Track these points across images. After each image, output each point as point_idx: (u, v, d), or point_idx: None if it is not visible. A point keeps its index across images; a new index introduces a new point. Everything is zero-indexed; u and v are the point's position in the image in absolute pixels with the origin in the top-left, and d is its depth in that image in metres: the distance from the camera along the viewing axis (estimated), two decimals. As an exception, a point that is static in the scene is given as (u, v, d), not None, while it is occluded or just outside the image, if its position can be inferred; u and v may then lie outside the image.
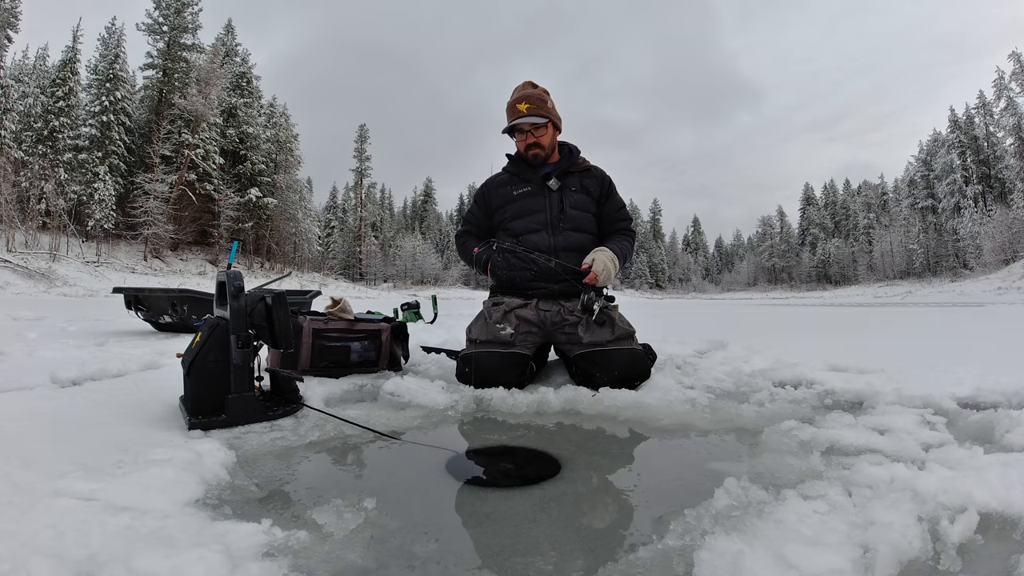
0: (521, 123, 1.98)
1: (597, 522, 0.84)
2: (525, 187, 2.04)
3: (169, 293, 4.21)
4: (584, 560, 0.71)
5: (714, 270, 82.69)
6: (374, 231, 54.18)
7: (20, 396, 1.50)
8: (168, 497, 0.83)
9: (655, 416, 1.48)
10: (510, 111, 2.02)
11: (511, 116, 2.01)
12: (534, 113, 1.98)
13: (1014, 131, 40.10)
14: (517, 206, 2.03)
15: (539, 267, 1.95)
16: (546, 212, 2.00)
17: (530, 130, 2.00)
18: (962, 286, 36.69)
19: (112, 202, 28.59)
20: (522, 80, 2.15)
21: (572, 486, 0.98)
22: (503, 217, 2.06)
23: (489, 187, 2.15)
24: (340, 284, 41.18)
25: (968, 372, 1.75)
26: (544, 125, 2.00)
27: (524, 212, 2.02)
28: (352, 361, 1.95)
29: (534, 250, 1.95)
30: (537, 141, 2.01)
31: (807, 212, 68.37)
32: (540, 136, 2.01)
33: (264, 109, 39.55)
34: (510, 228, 2.03)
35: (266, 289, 1.68)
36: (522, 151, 2.06)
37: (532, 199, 2.02)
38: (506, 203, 2.06)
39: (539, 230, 1.99)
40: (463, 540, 0.77)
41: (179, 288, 4.80)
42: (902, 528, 0.70)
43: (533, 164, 2.05)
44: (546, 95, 2.05)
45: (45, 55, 32.99)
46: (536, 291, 1.98)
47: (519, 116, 1.98)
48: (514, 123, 2.00)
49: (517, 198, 2.04)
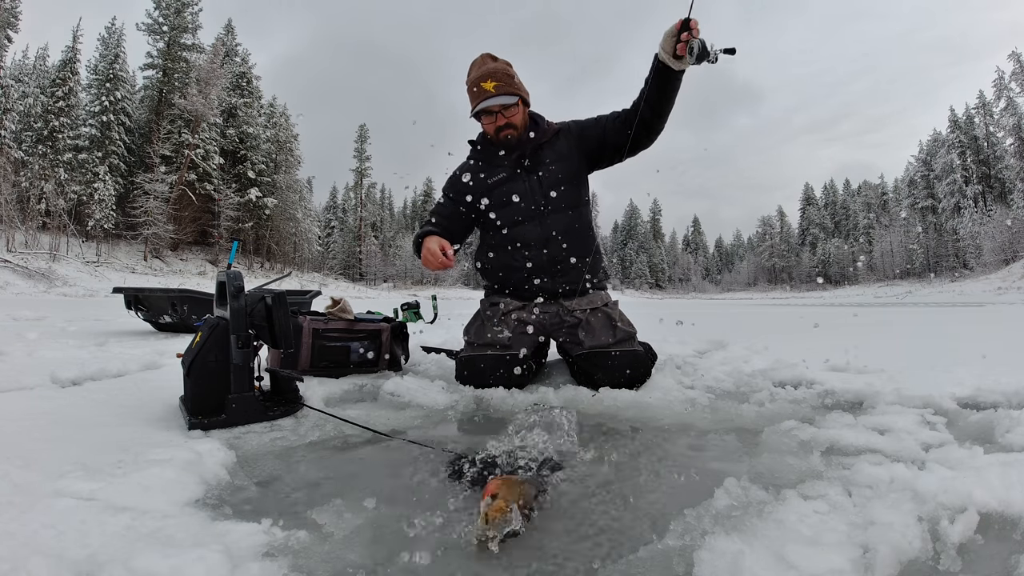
0: (490, 105, 1.79)
1: (597, 522, 0.84)
2: (499, 173, 1.88)
3: (169, 293, 4.21)
4: (584, 560, 0.71)
5: (714, 270, 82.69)
6: (374, 231, 54.18)
7: (20, 396, 1.50)
8: (168, 497, 0.83)
9: (655, 416, 1.48)
10: (474, 91, 1.81)
11: (477, 98, 1.81)
12: (503, 92, 1.78)
13: (1014, 131, 40.12)
14: (495, 195, 1.87)
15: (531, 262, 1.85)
16: (528, 198, 1.84)
17: (500, 111, 1.81)
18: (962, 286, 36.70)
19: (112, 202, 28.62)
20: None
21: (572, 486, 0.97)
22: (483, 209, 1.88)
23: (459, 176, 1.96)
24: (340, 284, 41.20)
25: (968, 372, 1.75)
26: (515, 103, 1.81)
27: (504, 202, 1.86)
28: (352, 361, 1.95)
29: (524, 243, 1.86)
30: (509, 122, 1.82)
31: (807, 212, 68.41)
32: (512, 116, 1.82)
33: (264, 109, 39.56)
34: (494, 222, 1.88)
35: (266, 289, 1.68)
36: (492, 134, 1.87)
37: (509, 185, 1.86)
38: (482, 193, 1.88)
39: (523, 220, 1.85)
40: (463, 541, 0.77)
41: (179, 288, 4.80)
42: (902, 528, 0.70)
43: (506, 147, 1.87)
44: (510, 67, 1.84)
45: (45, 55, 33.02)
46: (533, 289, 1.88)
47: (486, 96, 1.78)
48: (483, 106, 1.79)
49: (493, 186, 1.87)
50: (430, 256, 1.71)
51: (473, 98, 1.83)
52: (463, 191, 1.92)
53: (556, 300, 1.90)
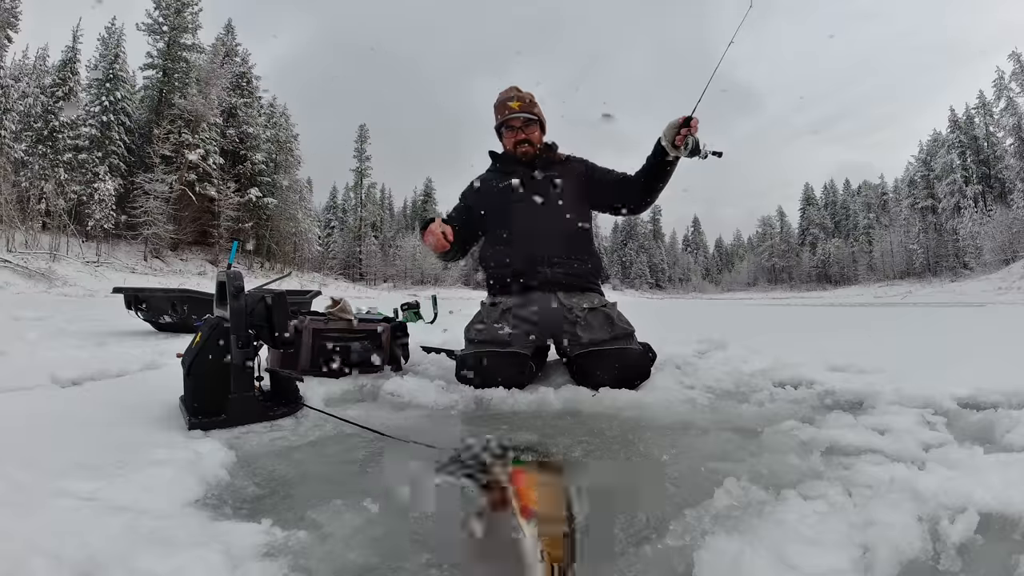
0: (513, 118, 2.04)
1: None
2: (511, 178, 2.06)
3: (169, 293, 4.21)
4: (584, 560, 0.71)
5: (714, 270, 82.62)
6: (374, 231, 54.17)
7: (20, 396, 1.50)
8: (168, 497, 0.83)
9: (655, 416, 1.48)
10: (500, 108, 2.07)
11: (502, 113, 2.06)
12: (525, 111, 2.04)
13: (1014, 131, 40.11)
14: (503, 195, 2.04)
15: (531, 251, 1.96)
16: (534, 200, 2.00)
17: (520, 127, 2.04)
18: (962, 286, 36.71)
19: (112, 202, 28.58)
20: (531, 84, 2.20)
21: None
22: (490, 208, 2.06)
23: (472, 183, 2.16)
24: (340, 284, 41.17)
25: (968, 372, 1.75)
26: (535, 123, 2.07)
27: (512, 199, 2.02)
28: (352, 361, 1.95)
29: (527, 236, 1.97)
30: (528, 138, 2.05)
31: (807, 212, 68.32)
32: (530, 133, 2.06)
33: (264, 109, 39.56)
34: (501, 218, 2.04)
35: (266, 289, 1.68)
36: (510, 148, 2.09)
37: (518, 188, 2.04)
38: (491, 194, 2.07)
39: (530, 218, 1.99)
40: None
41: (179, 288, 4.81)
42: (902, 528, 0.70)
43: (521, 162, 2.08)
44: (533, 97, 2.11)
45: (45, 55, 32.93)
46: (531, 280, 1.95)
47: (512, 112, 2.04)
48: (507, 118, 2.04)
49: (503, 189, 2.04)
50: (430, 235, 1.83)
51: (498, 113, 2.08)
52: (474, 193, 2.13)
53: (555, 293, 1.95)
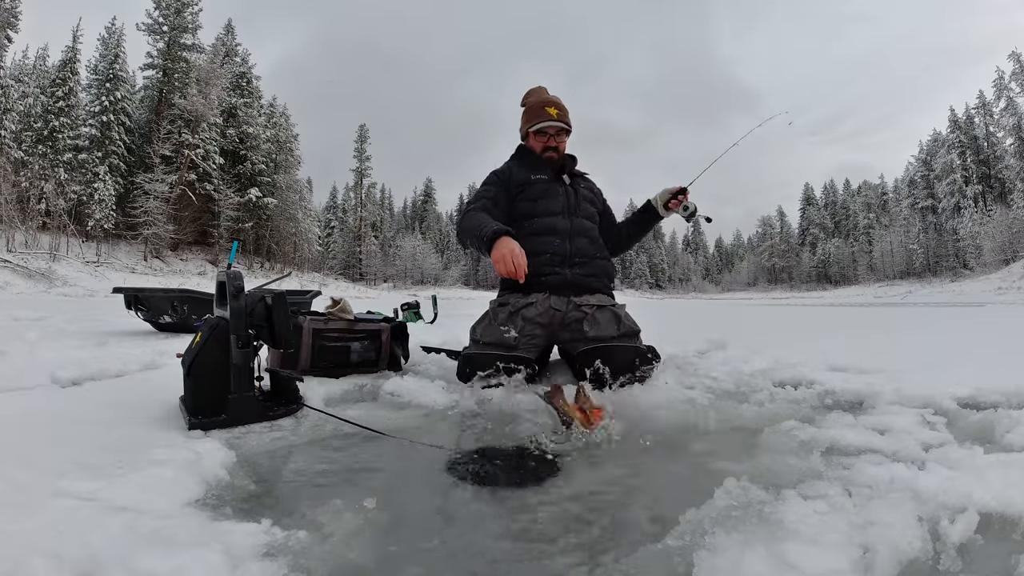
0: (550, 126, 2.06)
1: (597, 522, 0.84)
2: (541, 174, 2.09)
3: (169, 293, 4.20)
4: (584, 560, 0.71)
5: (714, 270, 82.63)
6: (374, 231, 54.15)
7: (20, 396, 1.50)
8: (168, 497, 0.83)
9: (655, 416, 1.48)
10: (537, 110, 2.08)
11: (539, 116, 2.07)
12: (562, 120, 2.07)
13: (1014, 131, 40.11)
14: (536, 187, 2.06)
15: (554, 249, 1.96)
16: (562, 198, 2.05)
17: (554, 134, 2.08)
18: (962, 286, 36.69)
19: (112, 202, 28.58)
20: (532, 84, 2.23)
21: (572, 486, 0.98)
22: (521, 196, 2.06)
23: (503, 168, 2.15)
24: (340, 284, 41.17)
25: (968, 372, 1.75)
26: (566, 132, 2.11)
27: (542, 195, 2.05)
28: (352, 361, 1.95)
29: (553, 232, 1.99)
30: (557, 146, 2.10)
31: (807, 212, 68.35)
32: (560, 142, 2.10)
33: (264, 109, 39.55)
34: (527, 207, 2.04)
35: (266, 289, 1.68)
36: (538, 151, 2.11)
37: (549, 184, 2.07)
38: (525, 184, 2.09)
39: (557, 213, 2.02)
40: (463, 540, 0.77)
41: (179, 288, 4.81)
42: (902, 528, 0.70)
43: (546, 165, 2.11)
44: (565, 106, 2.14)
45: (45, 55, 32.93)
46: (548, 279, 1.92)
47: (548, 118, 2.05)
48: (547, 124, 2.05)
49: (535, 182, 2.07)
50: (512, 259, 1.65)
51: (534, 116, 2.09)
52: (507, 177, 2.09)
53: (568, 297, 1.93)
